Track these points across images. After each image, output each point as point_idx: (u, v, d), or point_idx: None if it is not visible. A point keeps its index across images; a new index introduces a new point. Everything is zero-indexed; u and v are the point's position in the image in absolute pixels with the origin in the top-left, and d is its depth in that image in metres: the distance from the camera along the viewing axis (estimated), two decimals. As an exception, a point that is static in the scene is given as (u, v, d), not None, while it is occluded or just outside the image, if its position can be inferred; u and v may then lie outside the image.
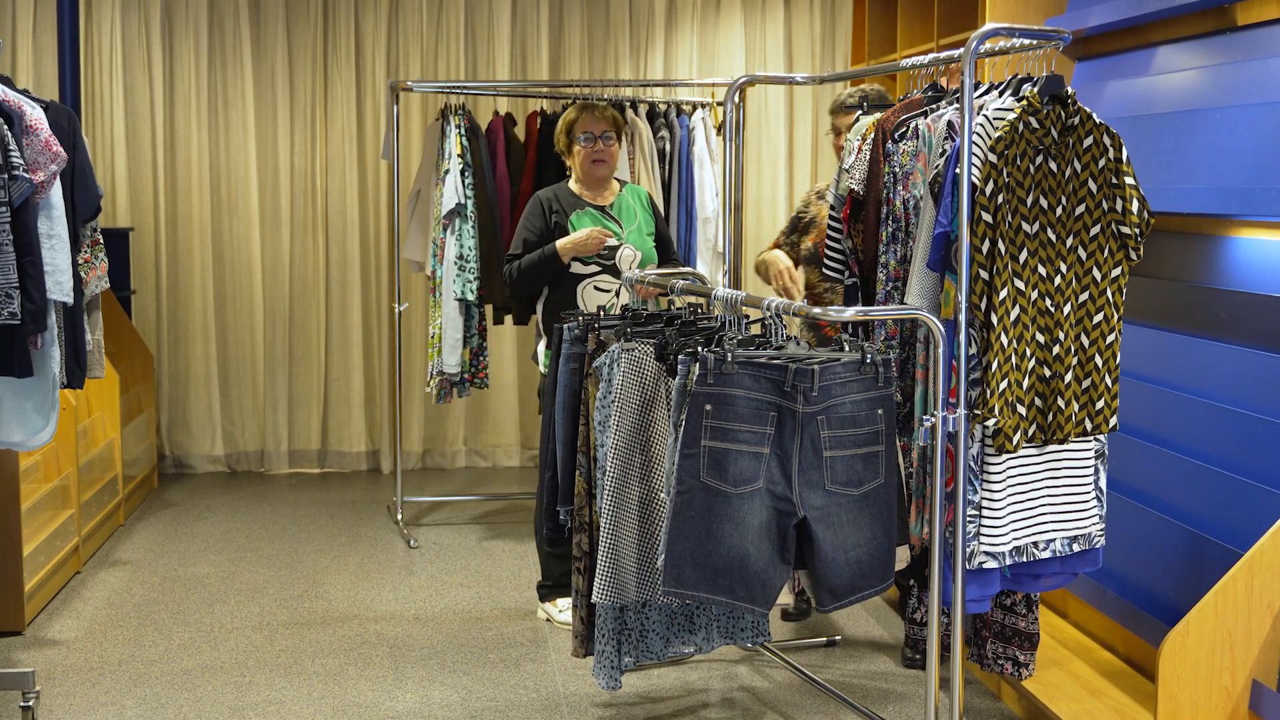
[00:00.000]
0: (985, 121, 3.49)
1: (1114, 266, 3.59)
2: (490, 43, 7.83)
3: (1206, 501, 3.92)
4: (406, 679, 4.60)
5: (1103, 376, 3.60)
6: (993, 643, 3.97)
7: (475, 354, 6.35)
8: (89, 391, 6.34)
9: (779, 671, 4.65)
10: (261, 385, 7.89)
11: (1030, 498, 3.59)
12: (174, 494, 7.32)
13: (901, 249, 3.75)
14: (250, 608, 5.35)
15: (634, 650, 3.94)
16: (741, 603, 3.36)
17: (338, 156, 7.81)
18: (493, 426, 8.05)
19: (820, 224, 4.98)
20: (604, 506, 3.69)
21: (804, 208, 5.13)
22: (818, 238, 4.98)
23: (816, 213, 5.06)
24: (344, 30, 7.74)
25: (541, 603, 5.17)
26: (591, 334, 4.02)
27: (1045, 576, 3.68)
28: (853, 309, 3.52)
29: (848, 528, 3.41)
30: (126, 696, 4.43)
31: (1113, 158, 3.55)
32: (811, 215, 5.09)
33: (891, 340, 3.75)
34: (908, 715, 4.29)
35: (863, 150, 3.93)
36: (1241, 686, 3.49)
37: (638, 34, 7.93)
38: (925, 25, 6.38)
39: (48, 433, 4.14)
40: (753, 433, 3.31)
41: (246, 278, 7.83)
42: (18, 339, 3.90)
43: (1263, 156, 3.91)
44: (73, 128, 4.13)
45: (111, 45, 7.62)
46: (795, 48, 8.03)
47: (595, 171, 5.08)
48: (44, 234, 3.95)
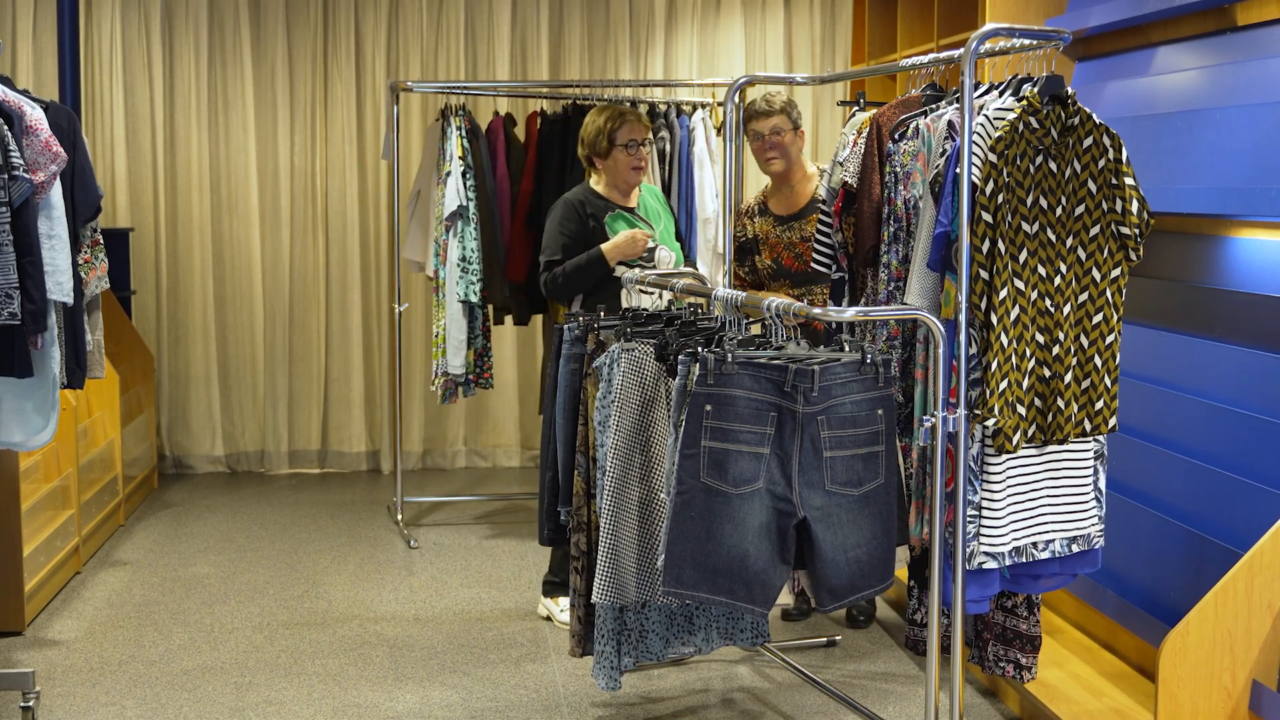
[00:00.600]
0: (985, 121, 3.49)
1: (1114, 267, 3.59)
2: (490, 43, 7.83)
3: (1206, 502, 3.92)
4: (407, 679, 4.60)
5: (1102, 377, 3.60)
6: (994, 645, 3.97)
7: (480, 355, 6.36)
8: (89, 392, 6.34)
9: (779, 672, 4.65)
10: (261, 385, 7.89)
11: (1030, 498, 3.59)
12: (174, 494, 7.32)
13: (903, 249, 3.75)
14: (250, 608, 5.35)
15: (634, 651, 3.94)
16: (741, 603, 3.36)
17: (338, 157, 7.81)
18: (493, 427, 8.05)
19: (770, 240, 5.06)
20: (604, 507, 3.70)
21: (740, 232, 5.17)
22: (771, 254, 5.03)
23: (755, 230, 5.11)
24: (344, 30, 7.74)
25: (545, 597, 5.17)
26: (591, 334, 4.02)
27: (1044, 577, 3.68)
28: (852, 309, 3.52)
29: (848, 528, 3.41)
30: (126, 697, 4.43)
31: (1112, 158, 3.55)
32: (750, 235, 5.14)
33: (894, 340, 3.75)
34: (908, 715, 4.29)
35: (858, 144, 3.93)
36: (1242, 687, 3.49)
37: (638, 34, 7.93)
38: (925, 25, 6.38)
39: (48, 433, 4.14)
40: (753, 433, 3.32)
41: (246, 278, 7.83)
42: (18, 339, 3.90)
43: (1263, 157, 3.91)
44: (73, 128, 4.13)
45: (111, 45, 7.62)
46: (795, 48, 8.03)
47: (633, 178, 5.10)
48: (44, 234, 3.95)
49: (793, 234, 5.03)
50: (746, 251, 5.16)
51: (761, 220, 5.13)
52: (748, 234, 5.15)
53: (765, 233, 5.09)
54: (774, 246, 5.06)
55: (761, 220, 5.13)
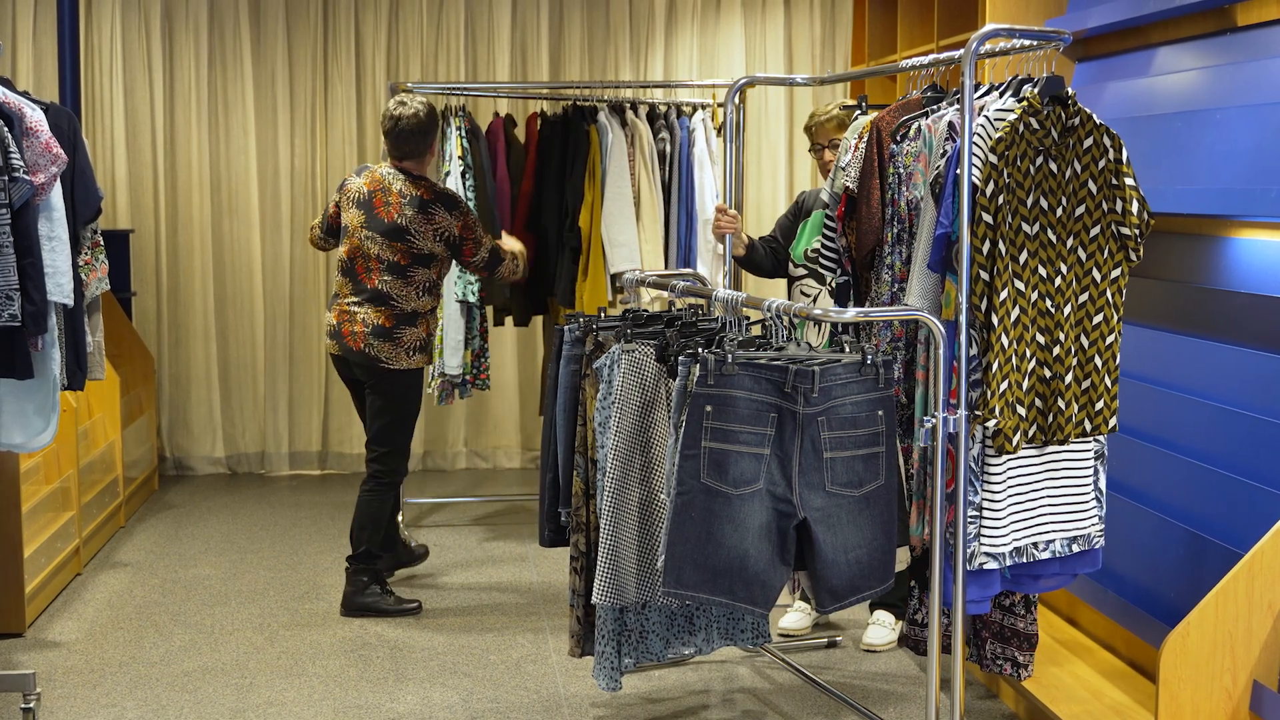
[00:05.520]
0: (986, 122, 3.49)
1: (1114, 267, 3.59)
2: (490, 44, 7.84)
3: (1207, 502, 3.92)
4: (407, 680, 4.60)
5: (1102, 377, 3.60)
6: (992, 643, 3.97)
7: (477, 355, 6.36)
8: (89, 393, 6.34)
9: (779, 672, 4.65)
10: (262, 387, 7.89)
11: (1030, 499, 3.59)
12: (175, 496, 7.32)
13: (906, 250, 3.75)
14: (251, 609, 5.35)
15: (634, 651, 3.94)
16: (741, 604, 3.36)
17: (338, 158, 7.81)
18: (493, 428, 8.05)
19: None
20: (604, 508, 3.70)
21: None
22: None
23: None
24: (344, 32, 7.75)
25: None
26: (591, 335, 4.02)
27: (1045, 577, 3.68)
28: (853, 310, 3.52)
29: (848, 529, 3.41)
30: (127, 698, 4.43)
31: (1113, 159, 3.55)
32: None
33: (898, 341, 3.75)
34: (908, 715, 4.29)
35: (859, 148, 3.93)
36: (1242, 687, 3.49)
37: (638, 35, 7.93)
38: (925, 26, 6.38)
39: (48, 435, 4.14)
40: (753, 434, 3.32)
41: (247, 279, 7.83)
42: (18, 341, 3.90)
43: (1263, 157, 3.91)
44: (73, 130, 4.13)
45: (112, 47, 7.62)
46: (795, 49, 8.03)
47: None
48: (44, 236, 3.95)
49: None
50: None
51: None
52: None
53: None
54: None
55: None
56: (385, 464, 5.30)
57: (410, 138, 5.23)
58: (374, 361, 5.17)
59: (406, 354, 5.18)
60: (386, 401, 5.24)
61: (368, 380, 5.25)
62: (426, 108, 5.27)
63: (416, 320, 5.21)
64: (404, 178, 5.23)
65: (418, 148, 5.27)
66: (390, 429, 5.27)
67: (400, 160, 5.29)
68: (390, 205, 5.18)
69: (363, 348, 5.16)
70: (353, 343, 5.18)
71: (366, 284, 5.21)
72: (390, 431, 5.28)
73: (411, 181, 5.22)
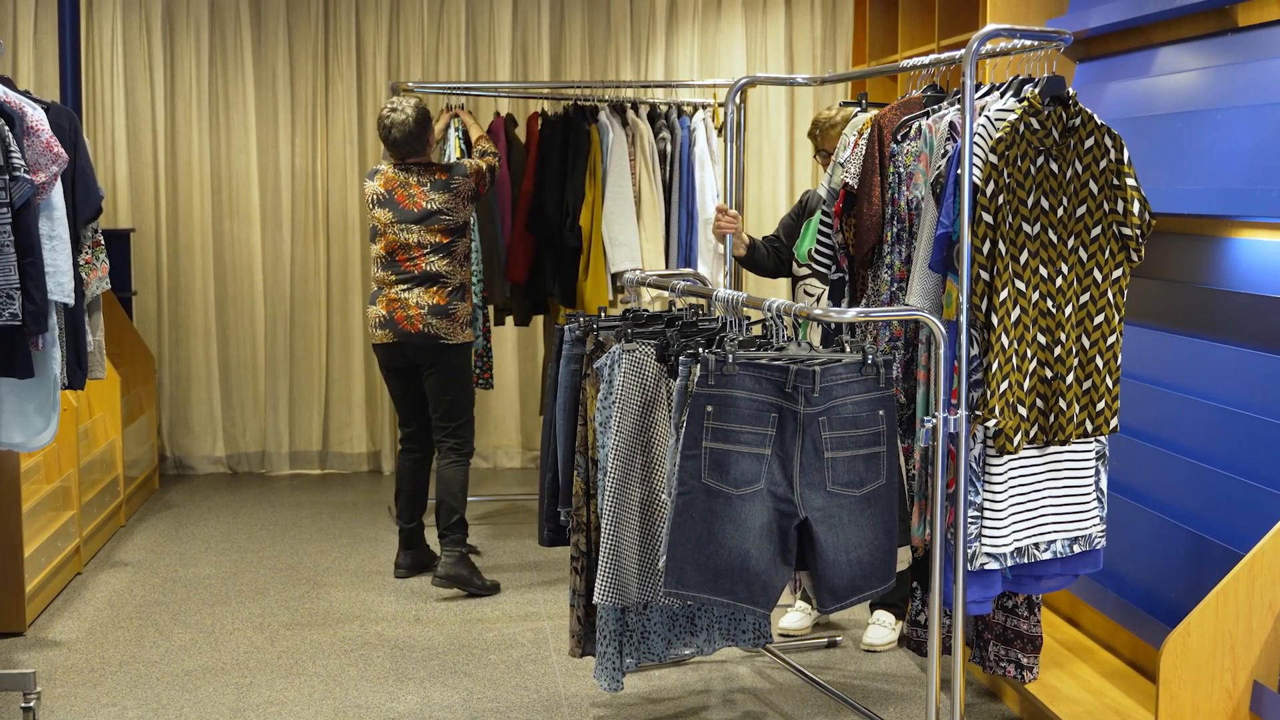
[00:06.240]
0: (986, 122, 3.49)
1: (1115, 268, 3.59)
2: (491, 44, 7.83)
3: (1207, 503, 3.92)
4: (407, 680, 4.60)
5: (1103, 378, 3.60)
6: (995, 645, 3.97)
7: (480, 355, 6.36)
8: (90, 393, 6.34)
9: (780, 673, 4.65)
10: (262, 386, 7.89)
11: (1031, 499, 3.59)
12: (175, 495, 7.32)
13: (906, 249, 3.75)
14: (251, 609, 5.35)
15: (635, 651, 3.94)
16: (743, 604, 3.36)
17: (338, 157, 7.81)
18: (494, 428, 8.05)
19: None
20: (605, 508, 3.70)
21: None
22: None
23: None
24: (345, 31, 7.75)
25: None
26: (590, 335, 4.02)
27: (1046, 578, 3.68)
28: (853, 310, 3.52)
29: (849, 529, 3.41)
30: (127, 698, 4.43)
31: (1114, 159, 3.55)
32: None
33: (897, 341, 3.75)
34: (908, 716, 4.29)
35: (858, 145, 3.93)
36: (1243, 688, 3.49)
37: (638, 35, 7.93)
38: (926, 26, 6.38)
39: (49, 434, 4.14)
40: (754, 434, 3.32)
41: (247, 279, 7.83)
42: (19, 340, 3.90)
43: (1264, 157, 3.91)
44: (74, 129, 4.13)
45: (112, 46, 7.62)
46: (796, 49, 8.03)
47: None
48: (45, 235, 3.95)
49: None
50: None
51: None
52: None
53: None
54: None
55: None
56: (460, 436, 5.59)
57: (406, 141, 5.48)
58: (434, 340, 5.42)
59: (461, 329, 5.50)
60: (448, 378, 5.52)
61: (424, 362, 5.48)
62: (415, 109, 5.48)
63: (464, 294, 5.50)
64: (415, 169, 5.48)
65: (416, 147, 5.51)
66: (458, 403, 5.56)
67: (403, 160, 5.49)
68: (414, 196, 5.42)
69: (422, 328, 5.40)
70: (410, 326, 5.40)
71: (413, 270, 5.42)
72: (459, 405, 5.57)
73: (424, 170, 5.48)
